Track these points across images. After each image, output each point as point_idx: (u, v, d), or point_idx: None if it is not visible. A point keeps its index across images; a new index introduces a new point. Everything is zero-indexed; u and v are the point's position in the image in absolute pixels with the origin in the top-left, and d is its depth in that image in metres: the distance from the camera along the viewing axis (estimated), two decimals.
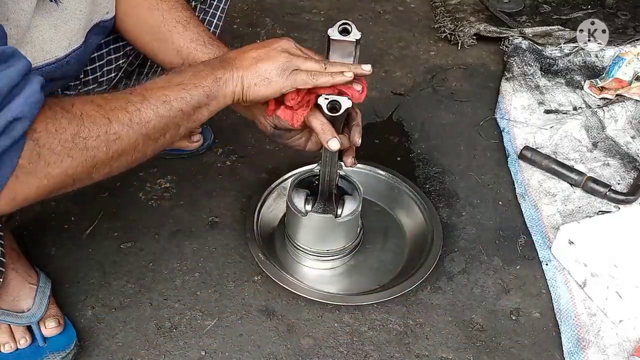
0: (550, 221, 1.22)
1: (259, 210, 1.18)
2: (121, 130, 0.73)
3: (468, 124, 1.48)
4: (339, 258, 1.12)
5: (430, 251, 1.12)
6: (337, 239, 1.09)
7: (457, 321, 1.05)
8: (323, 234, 1.09)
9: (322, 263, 1.12)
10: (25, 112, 0.63)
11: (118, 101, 0.75)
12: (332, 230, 1.08)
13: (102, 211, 1.19)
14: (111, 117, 0.72)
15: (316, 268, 1.12)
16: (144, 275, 1.09)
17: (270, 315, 1.04)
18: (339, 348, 1.00)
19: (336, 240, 1.09)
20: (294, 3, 1.92)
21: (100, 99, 0.74)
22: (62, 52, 0.86)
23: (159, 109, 0.77)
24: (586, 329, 1.03)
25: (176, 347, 0.99)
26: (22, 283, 0.96)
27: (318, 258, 1.11)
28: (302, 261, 1.12)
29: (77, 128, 0.68)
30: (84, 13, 0.86)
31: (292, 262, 1.13)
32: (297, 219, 1.07)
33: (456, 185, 1.31)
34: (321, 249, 1.10)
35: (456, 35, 1.76)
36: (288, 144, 0.99)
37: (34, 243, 1.11)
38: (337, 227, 1.07)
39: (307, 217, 1.05)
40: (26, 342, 0.95)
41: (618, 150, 1.39)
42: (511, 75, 1.59)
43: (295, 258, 1.13)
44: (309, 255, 1.11)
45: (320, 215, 1.05)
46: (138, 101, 0.76)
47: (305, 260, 1.12)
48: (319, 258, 1.11)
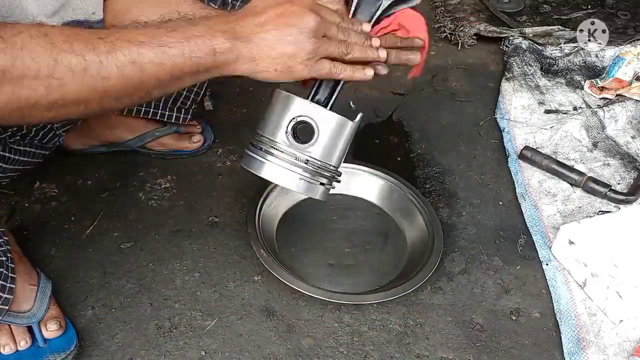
0: (551, 221, 1.22)
1: (260, 207, 1.17)
2: (68, 77, 0.62)
3: (468, 124, 1.48)
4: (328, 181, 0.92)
5: (430, 253, 1.11)
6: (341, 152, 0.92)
7: (457, 321, 1.05)
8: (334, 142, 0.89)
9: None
10: None
11: (78, 43, 0.63)
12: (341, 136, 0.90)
13: (102, 211, 1.19)
14: (60, 59, 0.61)
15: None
16: (144, 275, 1.09)
17: (270, 315, 1.04)
18: (339, 348, 1.00)
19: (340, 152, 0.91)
20: None
21: (59, 34, 0.63)
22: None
23: (125, 68, 0.64)
24: (586, 329, 1.03)
25: (176, 347, 0.99)
26: (23, 284, 0.96)
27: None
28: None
29: (10, 61, 0.59)
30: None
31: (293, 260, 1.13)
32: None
33: (456, 185, 1.31)
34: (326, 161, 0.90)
35: (456, 35, 1.76)
36: None
37: (33, 243, 1.11)
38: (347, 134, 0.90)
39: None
40: (26, 344, 0.95)
41: (618, 150, 1.39)
42: (511, 75, 1.59)
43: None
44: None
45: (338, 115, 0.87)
46: (104, 51, 0.63)
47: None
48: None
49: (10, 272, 0.90)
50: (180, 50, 0.67)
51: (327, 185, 0.91)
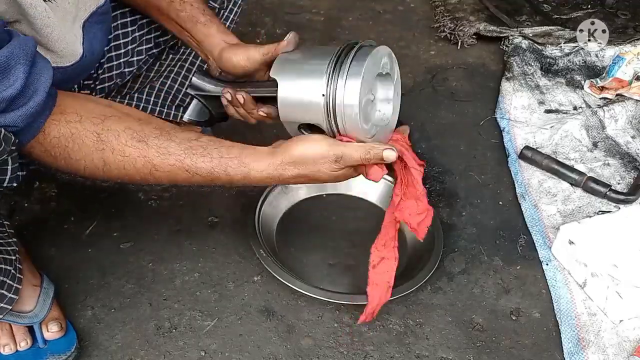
0: (551, 221, 1.22)
1: (260, 207, 1.17)
2: (111, 163, 0.79)
3: (468, 124, 1.48)
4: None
5: (430, 253, 1.11)
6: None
7: (457, 321, 1.05)
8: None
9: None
10: (18, 123, 0.70)
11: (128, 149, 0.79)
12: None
13: (101, 211, 1.19)
14: (104, 149, 0.78)
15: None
16: (143, 276, 1.09)
17: (270, 315, 1.04)
18: (339, 348, 1.00)
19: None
20: (294, 2, 1.92)
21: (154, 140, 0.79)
22: (79, 53, 0.88)
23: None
24: (586, 329, 1.03)
25: (176, 348, 0.98)
26: (27, 284, 0.96)
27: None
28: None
29: (66, 143, 0.77)
30: (71, 4, 0.86)
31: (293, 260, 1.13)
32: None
33: (456, 185, 1.31)
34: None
35: (456, 35, 1.76)
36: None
37: (33, 243, 1.11)
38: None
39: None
40: (27, 345, 0.95)
41: (618, 150, 1.39)
42: (511, 74, 1.59)
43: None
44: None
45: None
46: (155, 156, 0.80)
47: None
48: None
49: (18, 273, 0.90)
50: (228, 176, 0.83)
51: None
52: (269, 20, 1.83)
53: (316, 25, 1.82)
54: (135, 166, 0.79)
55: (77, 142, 0.76)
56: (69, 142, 0.76)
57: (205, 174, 0.81)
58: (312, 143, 0.83)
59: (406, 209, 0.93)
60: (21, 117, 0.70)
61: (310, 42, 1.73)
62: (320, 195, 1.26)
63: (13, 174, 0.73)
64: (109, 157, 0.78)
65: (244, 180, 0.83)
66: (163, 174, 0.81)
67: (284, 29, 1.79)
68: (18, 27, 0.77)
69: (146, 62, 1.14)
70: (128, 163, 0.79)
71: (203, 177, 0.82)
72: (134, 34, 1.08)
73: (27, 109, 0.70)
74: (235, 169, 0.82)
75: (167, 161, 0.79)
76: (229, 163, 0.82)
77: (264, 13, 1.86)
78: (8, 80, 0.67)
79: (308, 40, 1.73)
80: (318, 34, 1.78)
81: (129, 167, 0.79)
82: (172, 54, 1.18)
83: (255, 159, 0.83)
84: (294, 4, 1.91)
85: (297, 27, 1.80)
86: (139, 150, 0.78)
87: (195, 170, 0.81)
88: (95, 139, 0.77)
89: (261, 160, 0.83)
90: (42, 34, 0.79)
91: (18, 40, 0.69)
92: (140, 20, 1.08)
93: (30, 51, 0.70)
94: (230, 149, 0.83)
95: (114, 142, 0.78)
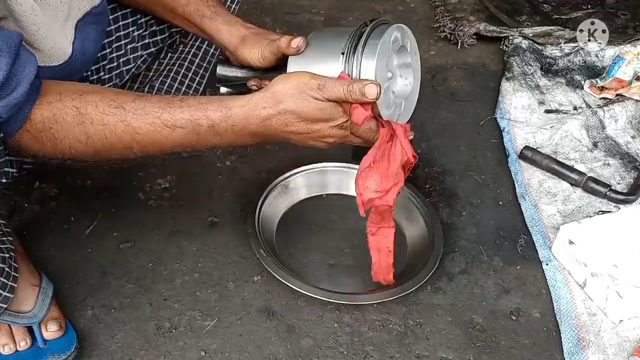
0: (551, 221, 1.22)
1: (260, 207, 1.17)
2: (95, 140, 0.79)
3: (468, 124, 1.48)
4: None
5: (430, 253, 1.11)
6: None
7: (457, 321, 1.05)
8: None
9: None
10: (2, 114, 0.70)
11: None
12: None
13: (101, 211, 1.19)
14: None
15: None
16: (143, 276, 1.09)
17: (270, 315, 1.04)
18: (339, 348, 1.00)
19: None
20: (294, 2, 1.92)
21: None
22: (67, 52, 0.87)
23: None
24: (586, 329, 1.03)
25: (176, 348, 0.98)
26: (25, 284, 0.96)
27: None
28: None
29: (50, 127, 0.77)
30: (64, 3, 0.86)
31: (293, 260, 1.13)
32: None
33: (456, 185, 1.31)
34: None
35: (456, 35, 1.76)
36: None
37: (33, 243, 1.11)
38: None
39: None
40: (26, 345, 0.95)
41: (618, 150, 1.39)
42: (511, 75, 1.58)
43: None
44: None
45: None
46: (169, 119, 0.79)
47: None
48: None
49: (13, 271, 0.90)
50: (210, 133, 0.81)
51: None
52: (269, 20, 1.83)
53: (316, 25, 1.82)
54: (115, 133, 0.78)
55: (59, 121, 0.76)
56: (52, 123, 0.76)
57: (186, 124, 0.79)
58: (294, 75, 0.82)
59: (367, 178, 0.89)
60: (4, 107, 0.70)
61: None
62: (320, 195, 1.26)
63: (0, 169, 0.73)
64: (90, 129, 0.77)
65: (227, 123, 0.80)
66: (145, 137, 0.79)
67: (284, 29, 1.79)
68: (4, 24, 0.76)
69: (145, 61, 1.14)
70: (108, 131, 0.78)
71: (185, 129, 0.80)
72: (133, 34, 1.08)
73: (10, 99, 0.70)
74: (216, 110, 0.80)
75: (145, 120, 0.78)
76: (209, 107, 0.80)
77: (264, 13, 1.86)
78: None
79: None
80: None
81: (110, 135, 0.78)
82: (170, 53, 1.18)
83: (236, 98, 0.81)
84: (294, 4, 1.91)
85: (297, 27, 1.80)
86: (117, 116, 0.77)
87: (174, 123, 0.79)
88: (74, 113, 0.77)
89: (241, 98, 0.81)
90: (28, 32, 0.79)
91: (1, 33, 0.70)
92: (139, 20, 1.08)
93: (13, 44, 0.70)
94: (209, 98, 0.82)
95: (93, 113, 0.77)
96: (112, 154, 0.81)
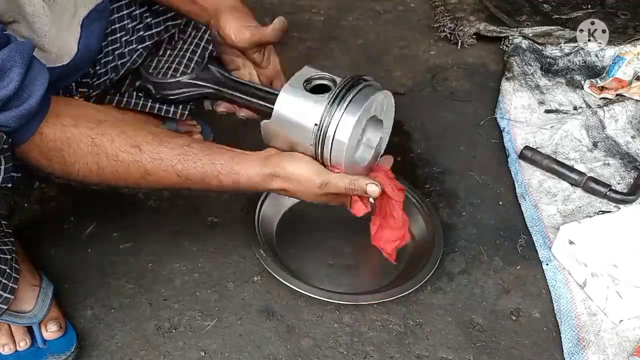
0: (551, 221, 1.22)
1: (260, 207, 1.17)
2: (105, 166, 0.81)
3: (468, 124, 1.48)
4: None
5: (430, 253, 1.11)
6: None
7: (457, 321, 1.05)
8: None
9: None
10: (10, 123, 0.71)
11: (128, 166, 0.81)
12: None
13: (101, 211, 1.19)
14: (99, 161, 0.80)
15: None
16: (143, 276, 1.09)
17: (270, 315, 1.04)
18: (339, 348, 1.00)
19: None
20: (294, 2, 1.92)
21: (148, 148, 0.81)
22: (73, 51, 0.88)
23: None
24: (586, 329, 1.03)
25: (176, 348, 0.98)
26: (25, 284, 0.96)
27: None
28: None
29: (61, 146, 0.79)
30: (70, 2, 0.87)
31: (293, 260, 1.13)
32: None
33: (456, 185, 1.31)
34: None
35: (456, 35, 1.76)
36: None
37: (33, 243, 1.11)
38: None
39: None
40: (26, 345, 0.95)
41: (618, 150, 1.39)
42: (511, 74, 1.58)
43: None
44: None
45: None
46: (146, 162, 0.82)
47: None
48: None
49: (14, 273, 0.90)
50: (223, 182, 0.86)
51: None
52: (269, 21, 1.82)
53: (316, 25, 1.82)
54: (128, 170, 0.81)
55: (72, 146, 0.78)
56: (65, 145, 0.78)
57: (197, 179, 0.84)
58: (301, 164, 0.85)
59: (383, 237, 0.99)
60: (14, 117, 0.71)
61: (310, 42, 1.73)
62: None
63: (7, 174, 0.74)
64: (103, 161, 0.80)
65: (234, 186, 0.86)
66: (155, 178, 0.83)
67: None
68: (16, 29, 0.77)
69: (140, 55, 1.13)
70: (121, 167, 0.80)
71: (195, 182, 0.84)
72: (127, 26, 1.08)
73: (20, 110, 0.71)
74: (226, 175, 0.84)
75: (159, 167, 0.81)
76: (220, 169, 0.84)
77: (264, 13, 1.85)
78: (3, 82, 0.69)
79: (308, 40, 1.73)
80: (318, 34, 1.78)
81: (122, 171, 0.81)
82: (169, 50, 1.18)
83: (245, 167, 0.85)
84: (293, 4, 1.91)
85: (297, 27, 1.80)
86: (132, 156, 0.80)
87: (186, 176, 0.83)
88: (90, 143, 0.78)
89: (251, 168, 0.85)
90: (40, 34, 0.80)
91: (15, 44, 0.71)
92: (134, 12, 1.08)
93: (26, 54, 0.72)
94: (222, 156, 0.85)
95: (108, 147, 0.79)
96: (119, 184, 0.84)
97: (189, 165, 0.83)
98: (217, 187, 0.86)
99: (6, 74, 0.69)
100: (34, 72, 0.73)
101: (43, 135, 0.77)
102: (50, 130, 0.77)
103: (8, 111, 0.71)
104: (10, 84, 0.69)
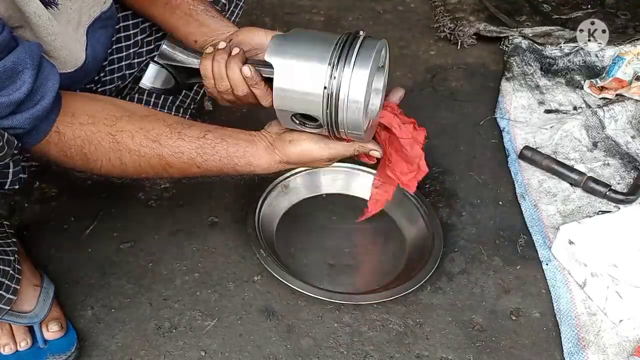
0: (551, 221, 1.22)
1: (260, 207, 1.17)
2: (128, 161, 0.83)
3: (468, 124, 1.48)
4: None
5: (430, 253, 1.11)
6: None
7: (457, 321, 1.05)
8: None
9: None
10: (25, 125, 0.72)
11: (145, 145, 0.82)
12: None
13: (101, 211, 1.19)
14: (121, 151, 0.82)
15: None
16: (143, 276, 1.09)
17: (270, 315, 1.04)
18: (339, 348, 1.00)
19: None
20: (294, 2, 1.92)
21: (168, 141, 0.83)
22: (81, 58, 0.89)
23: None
24: (586, 329, 1.03)
25: (176, 348, 0.98)
26: (27, 284, 0.96)
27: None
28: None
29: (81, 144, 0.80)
30: (74, 10, 0.87)
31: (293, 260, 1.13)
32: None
33: (456, 185, 1.31)
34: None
35: (456, 35, 1.76)
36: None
37: (33, 243, 1.11)
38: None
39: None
40: (27, 345, 0.95)
41: (618, 150, 1.39)
42: (511, 75, 1.59)
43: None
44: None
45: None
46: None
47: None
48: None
49: (17, 273, 0.90)
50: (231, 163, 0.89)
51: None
52: (269, 21, 1.82)
53: (316, 25, 1.82)
54: (150, 164, 0.84)
55: (93, 143, 0.80)
56: (85, 143, 0.79)
57: (215, 169, 0.88)
58: (306, 146, 0.88)
59: (397, 169, 0.98)
60: (28, 119, 0.72)
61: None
62: (320, 195, 1.26)
63: (15, 177, 0.75)
64: (126, 157, 0.82)
65: (250, 174, 0.93)
66: (176, 170, 0.86)
67: (284, 29, 1.79)
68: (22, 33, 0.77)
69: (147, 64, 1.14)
70: (144, 161, 0.83)
71: (213, 171, 0.89)
72: (135, 37, 1.08)
73: (34, 111, 0.72)
74: (243, 167, 0.89)
75: (180, 159, 0.85)
76: (237, 162, 0.88)
77: (264, 13, 1.86)
78: (15, 85, 0.69)
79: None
80: None
81: (145, 165, 0.83)
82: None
83: (257, 158, 0.89)
84: (293, 4, 1.91)
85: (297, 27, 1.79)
86: (153, 150, 0.82)
87: (206, 167, 0.87)
88: (111, 140, 0.80)
89: (262, 158, 0.89)
90: (45, 42, 0.81)
91: (24, 46, 0.71)
92: (142, 24, 1.08)
93: (36, 56, 0.72)
94: (236, 148, 0.88)
95: (130, 143, 0.81)
96: (141, 176, 0.88)
97: (208, 158, 0.86)
98: (235, 174, 0.92)
99: (18, 76, 0.69)
100: (44, 73, 0.74)
101: (61, 134, 0.78)
102: (68, 129, 0.78)
103: (22, 113, 0.72)
104: (23, 86, 0.70)
